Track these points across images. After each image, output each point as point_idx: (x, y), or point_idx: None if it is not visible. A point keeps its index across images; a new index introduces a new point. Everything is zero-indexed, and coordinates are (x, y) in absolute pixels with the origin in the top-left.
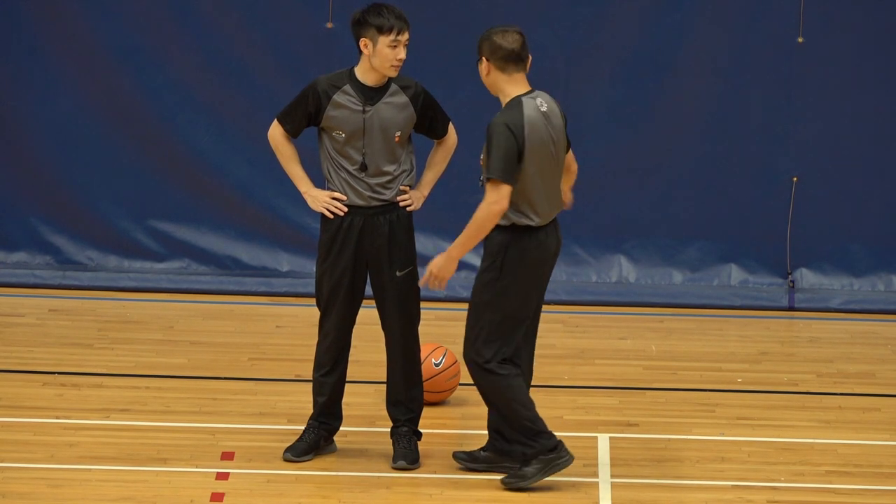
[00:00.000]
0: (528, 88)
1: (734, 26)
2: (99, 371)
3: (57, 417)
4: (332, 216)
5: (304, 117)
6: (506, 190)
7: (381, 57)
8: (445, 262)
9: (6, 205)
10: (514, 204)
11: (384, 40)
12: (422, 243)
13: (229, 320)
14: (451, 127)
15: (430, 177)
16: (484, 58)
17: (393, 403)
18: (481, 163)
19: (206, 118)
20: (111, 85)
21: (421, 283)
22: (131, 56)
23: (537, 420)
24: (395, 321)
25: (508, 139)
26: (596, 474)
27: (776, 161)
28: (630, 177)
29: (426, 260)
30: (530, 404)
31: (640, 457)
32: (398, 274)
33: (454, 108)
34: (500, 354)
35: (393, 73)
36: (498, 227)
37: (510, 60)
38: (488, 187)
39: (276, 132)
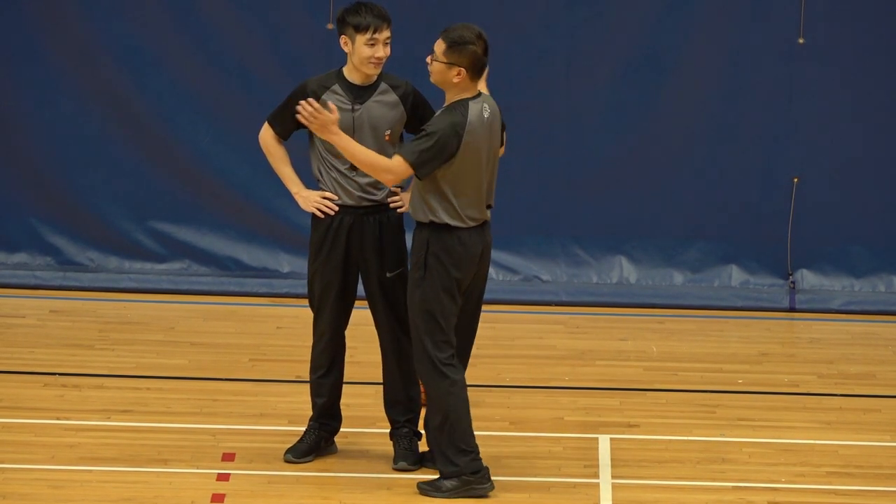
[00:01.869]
0: (476, 92)
1: (734, 27)
2: (100, 372)
3: (58, 418)
4: (322, 216)
5: (294, 119)
6: (402, 169)
7: (359, 55)
8: (333, 129)
9: (7, 206)
10: (437, 203)
11: (361, 39)
12: None
13: (230, 321)
14: None
15: None
16: (463, 69)
17: (391, 404)
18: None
19: (206, 118)
20: (111, 85)
21: (300, 109)
22: (131, 56)
23: (470, 438)
24: (387, 322)
25: (445, 139)
26: (597, 475)
27: (777, 162)
28: (631, 177)
29: None
30: (467, 421)
31: (641, 458)
32: (388, 275)
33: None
34: (445, 352)
35: (372, 71)
36: (420, 225)
37: (481, 72)
38: (398, 161)
39: (266, 135)
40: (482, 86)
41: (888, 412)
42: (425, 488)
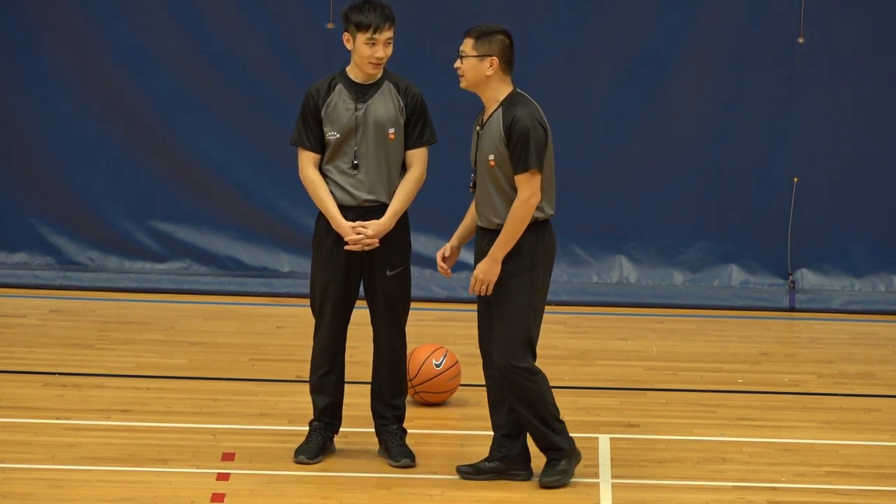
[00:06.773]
0: (513, 87)
1: (734, 26)
2: (100, 372)
3: (58, 418)
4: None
5: (316, 124)
6: (537, 181)
7: (359, 54)
8: (490, 265)
9: (7, 205)
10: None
11: (361, 38)
12: (422, 243)
13: (230, 321)
14: (426, 152)
15: (398, 207)
16: (496, 57)
17: (380, 400)
18: (491, 163)
19: (206, 118)
20: (111, 85)
21: (470, 291)
22: (131, 56)
23: (558, 418)
24: (384, 323)
25: (538, 130)
26: (597, 475)
27: (777, 162)
28: (631, 177)
29: (425, 260)
30: (554, 401)
31: (641, 457)
32: (388, 274)
33: (453, 110)
34: (534, 355)
35: (372, 71)
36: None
37: (511, 65)
38: (523, 181)
39: (306, 164)
40: None
41: (888, 412)
42: (551, 481)
